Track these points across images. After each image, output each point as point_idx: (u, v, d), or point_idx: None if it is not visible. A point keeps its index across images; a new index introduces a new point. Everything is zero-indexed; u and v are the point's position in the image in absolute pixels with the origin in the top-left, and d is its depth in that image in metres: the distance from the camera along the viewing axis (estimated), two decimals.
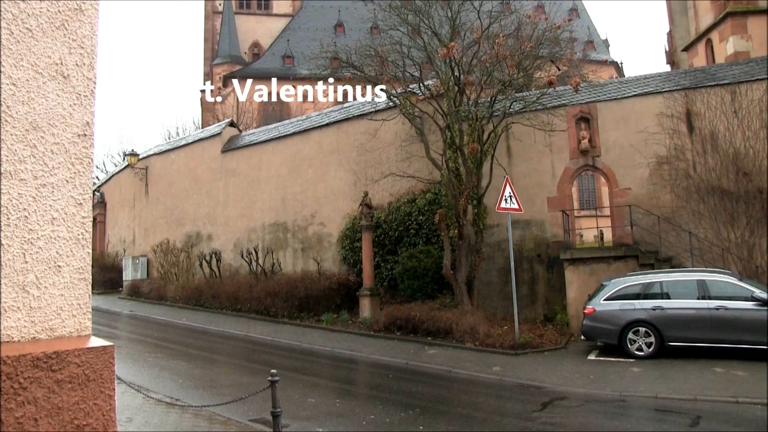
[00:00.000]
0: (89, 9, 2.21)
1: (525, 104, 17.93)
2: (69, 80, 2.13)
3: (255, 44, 52.54)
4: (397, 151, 20.56)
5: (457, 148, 17.63)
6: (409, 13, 19.00)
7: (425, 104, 18.55)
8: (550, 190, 18.90)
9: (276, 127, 27.19)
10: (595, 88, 19.89)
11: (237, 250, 25.41)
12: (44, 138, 2.06)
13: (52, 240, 2.08)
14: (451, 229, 17.60)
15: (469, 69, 18.18)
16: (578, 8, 59.10)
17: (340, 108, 24.38)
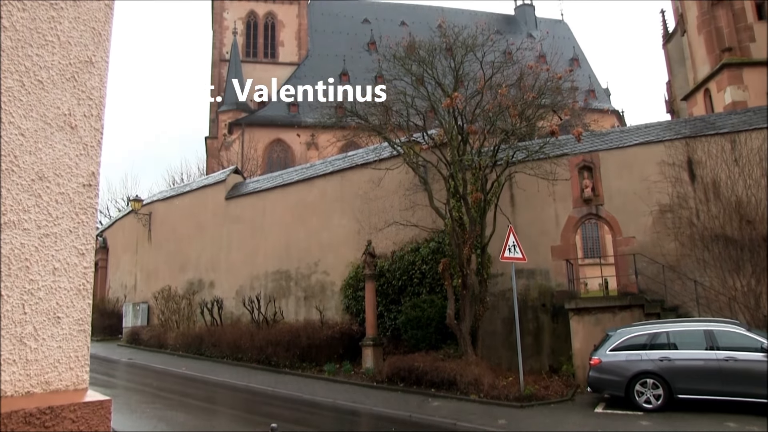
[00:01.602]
0: (100, 62, 2.23)
1: (528, 153, 18.04)
2: (76, 131, 2.13)
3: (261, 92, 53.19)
4: (400, 199, 20.60)
5: (461, 197, 17.67)
6: (413, 63, 19.26)
7: (429, 153, 18.66)
8: (553, 239, 18.87)
9: (280, 175, 27.33)
10: (598, 137, 20.02)
11: (239, 297, 25.26)
12: (49, 188, 2.05)
13: (52, 291, 2.05)
14: (454, 279, 17.51)
15: (473, 118, 18.34)
16: (579, 58, 59.90)
17: (344, 156, 24.53)
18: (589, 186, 18.57)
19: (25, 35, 2.02)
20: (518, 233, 17.24)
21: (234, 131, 49.14)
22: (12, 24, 1.99)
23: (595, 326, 16.27)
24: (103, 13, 2.28)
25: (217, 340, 23.33)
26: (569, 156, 18.81)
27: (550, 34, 58.65)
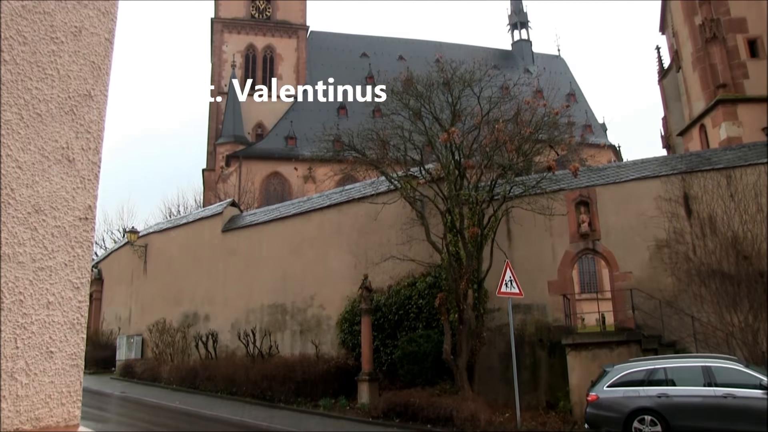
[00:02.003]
0: (99, 95, 2.24)
1: (525, 188, 18.10)
2: (74, 164, 2.13)
3: (259, 125, 53.45)
4: (397, 233, 20.58)
5: (458, 231, 17.68)
6: (410, 98, 19.41)
7: (426, 188, 18.71)
8: (550, 274, 18.83)
9: (277, 208, 27.35)
10: (594, 172, 20.11)
11: (234, 330, 25.08)
12: (45, 221, 2.04)
13: (46, 325, 2.03)
14: (451, 313, 17.43)
15: (470, 153, 18.43)
16: (576, 93, 60.44)
17: (342, 190, 24.59)
18: (585, 221, 18.60)
19: (26, 69, 2.03)
20: (515, 268, 17.21)
21: (231, 164, 49.30)
22: (13, 57, 2.00)
23: (593, 362, 16.16)
24: (103, 47, 2.29)
25: (211, 374, 23.11)
26: (566, 191, 18.87)
27: (547, 69, 59.38)
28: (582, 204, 18.86)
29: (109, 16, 2.34)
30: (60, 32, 2.14)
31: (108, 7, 2.33)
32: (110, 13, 2.34)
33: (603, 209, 18.68)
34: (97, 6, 2.29)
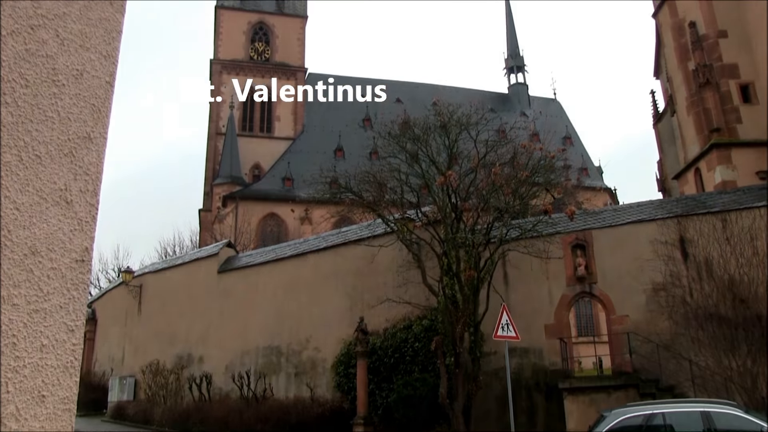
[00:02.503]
0: (98, 137, 2.25)
1: (521, 232, 18.12)
2: (72, 206, 2.13)
3: (256, 166, 53.68)
4: (393, 276, 20.52)
5: (454, 274, 17.64)
6: (407, 141, 19.55)
7: (422, 231, 18.73)
8: (547, 317, 18.75)
9: (273, 250, 27.30)
10: (590, 216, 20.18)
11: (229, 373, 24.81)
12: (42, 263, 2.03)
13: (38, 368, 2.00)
14: (447, 357, 17.29)
15: (467, 196, 18.50)
16: (572, 136, 60.93)
17: (338, 232, 24.59)
18: (582, 264, 18.60)
19: (26, 111, 2.04)
20: (511, 311, 17.13)
21: (228, 204, 49.34)
22: (14, 100, 2.02)
23: (590, 406, 15.99)
24: (103, 90, 2.31)
25: (204, 417, 22.78)
26: (562, 234, 18.90)
27: (543, 112, 60.04)
28: (578, 247, 18.88)
29: (110, 59, 2.36)
30: (62, 75, 2.16)
31: (110, 51, 2.36)
32: (112, 57, 2.37)
33: (599, 252, 18.68)
34: (99, 49, 2.32)
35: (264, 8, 58.34)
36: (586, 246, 18.80)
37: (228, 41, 56.39)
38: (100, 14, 2.34)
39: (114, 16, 2.41)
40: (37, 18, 2.11)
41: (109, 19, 2.38)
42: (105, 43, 2.35)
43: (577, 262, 18.69)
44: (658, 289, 17.74)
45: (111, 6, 2.39)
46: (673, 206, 19.35)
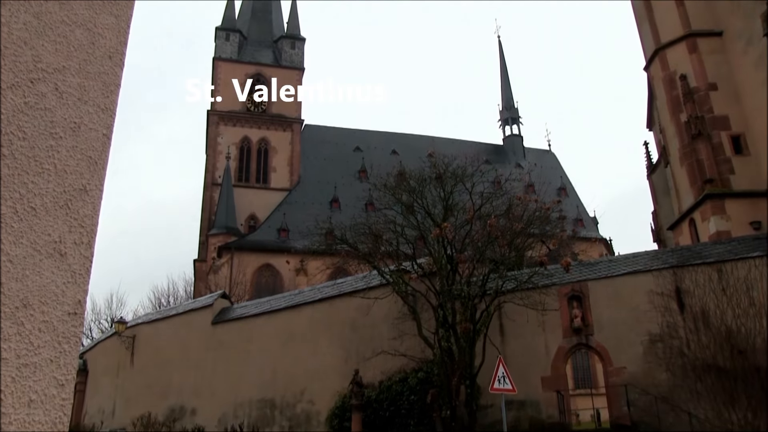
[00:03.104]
0: (94, 190, 2.25)
1: (517, 283, 18.08)
2: (66, 258, 2.12)
3: (251, 216, 53.70)
4: (389, 328, 20.37)
5: (450, 326, 17.54)
6: (403, 192, 19.64)
7: (418, 282, 18.66)
8: (544, 369, 18.56)
9: (268, 301, 27.12)
10: (586, 267, 20.17)
11: (222, 426, 24.37)
12: (33, 316, 2.00)
13: (26, 424, 1.96)
14: (443, 410, 17.05)
15: (462, 247, 18.50)
16: (567, 187, 61.28)
17: (334, 283, 24.48)
18: (578, 316, 18.50)
19: (23, 163, 2.04)
20: (508, 363, 16.96)
21: (223, 255, 49.19)
22: (11, 152, 2.02)
23: None
24: (100, 142, 2.32)
25: None
26: (558, 286, 18.86)
27: (538, 164, 60.53)
28: (574, 298, 18.81)
29: (108, 112, 2.38)
30: (59, 128, 2.17)
31: (108, 104, 2.38)
32: (109, 110, 2.39)
33: (596, 304, 18.61)
34: (97, 102, 2.33)
35: (261, 60, 59.18)
36: (583, 297, 18.74)
37: (225, 92, 56.99)
38: (99, 68, 2.37)
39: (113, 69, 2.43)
40: (37, 72, 2.13)
41: (108, 73, 2.41)
42: (103, 96, 2.37)
43: (573, 313, 18.60)
44: (656, 341, 17.62)
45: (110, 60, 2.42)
46: (668, 257, 19.36)
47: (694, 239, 25.53)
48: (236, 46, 58.58)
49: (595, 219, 58.75)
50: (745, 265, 17.44)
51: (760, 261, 17.39)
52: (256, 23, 61.56)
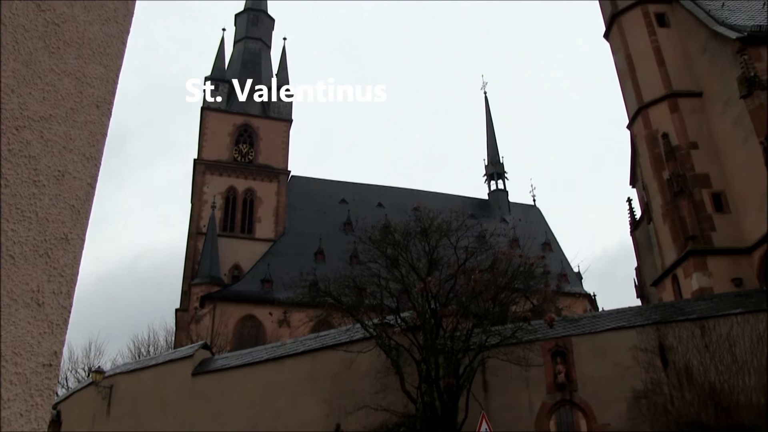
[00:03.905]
0: (75, 239, 2.23)
1: (501, 338, 17.99)
2: (43, 308, 2.08)
3: (235, 266, 53.33)
4: (372, 382, 20.11)
5: (433, 381, 17.37)
6: (388, 246, 19.64)
7: (401, 336, 18.53)
8: (527, 426, 18.34)
9: (250, 353, 26.75)
10: (570, 322, 20.14)
11: None
12: (5, 367, 1.95)
13: None
14: None
15: (446, 302, 18.46)
16: (551, 242, 61.50)
17: (316, 336, 24.23)
18: (562, 371, 18.39)
19: (4, 211, 2.02)
20: (491, 419, 16.76)
21: (206, 305, 48.64)
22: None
23: None
24: (84, 191, 2.31)
25: None
26: (542, 341, 18.78)
27: (522, 219, 60.86)
28: (558, 354, 18.72)
29: (93, 161, 2.37)
30: (43, 176, 2.16)
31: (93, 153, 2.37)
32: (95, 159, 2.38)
33: (579, 359, 18.51)
34: (83, 151, 2.32)
35: (249, 111, 59.58)
36: (566, 353, 18.65)
37: (212, 142, 57.19)
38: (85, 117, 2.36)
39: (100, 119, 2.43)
40: (23, 119, 2.12)
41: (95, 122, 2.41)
42: (89, 145, 2.36)
43: (557, 369, 18.48)
44: (639, 397, 17.51)
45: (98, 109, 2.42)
46: (652, 313, 19.40)
47: (677, 295, 25.62)
48: (225, 96, 59.05)
49: (579, 274, 58.81)
50: (727, 322, 17.49)
51: (741, 318, 17.46)
52: (246, 74, 62.22)
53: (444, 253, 20.01)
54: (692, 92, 27.50)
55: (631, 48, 29.85)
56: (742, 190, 24.61)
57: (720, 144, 26.04)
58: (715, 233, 24.87)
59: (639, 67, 29.23)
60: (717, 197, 25.60)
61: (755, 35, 24.34)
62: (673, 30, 29.20)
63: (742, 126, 23.92)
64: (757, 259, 23.38)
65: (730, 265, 23.80)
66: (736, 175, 24.91)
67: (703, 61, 27.28)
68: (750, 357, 16.95)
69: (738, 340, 17.06)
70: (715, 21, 26.05)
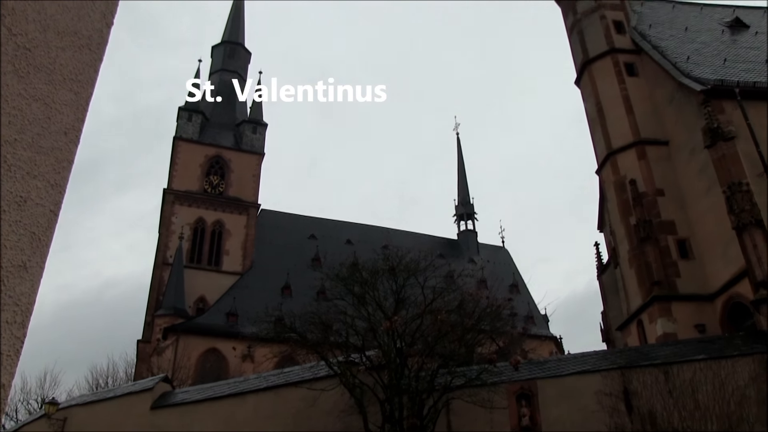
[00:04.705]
0: (34, 267, 2.16)
1: (466, 380, 17.90)
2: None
3: (201, 299, 52.62)
4: (334, 421, 19.80)
5: (396, 421, 17.18)
6: (355, 284, 19.57)
7: (365, 375, 18.36)
8: None
9: (212, 387, 26.24)
10: (536, 365, 20.12)
11: None
12: None
13: None
14: None
15: (412, 341, 18.37)
16: (519, 284, 61.78)
17: (280, 372, 23.88)
18: (527, 414, 18.30)
19: None
20: None
21: (169, 337, 47.82)
22: None
23: None
24: (46, 218, 2.25)
25: None
26: (507, 383, 18.71)
27: (491, 260, 61.14)
28: (523, 397, 18.65)
29: (57, 188, 2.32)
30: (4, 201, 2.10)
31: (58, 180, 2.32)
32: (59, 186, 2.33)
33: (544, 403, 18.46)
34: (47, 178, 2.28)
35: (222, 143, 59.49)
36: (531, 396, 18.59)
37: (183, 172, 56.88)
38: (52, 143, 2.32)
39: (67, 146, 2.39)
40: None
41: (62, 149, 2.36)
42: (54, 172, 2.31)
43: (522, 412, 18.39)
44: None
45: (65, 136, 2.38)
46: (617, 357, 19.49)
47: (641, 340, 25.81)
48: (198, 127, 58.93)
49: (545, 317, 59.09)
50: (690, 368, 17.63)
51: (704, 364, 17.62)
52: (220, 106, 62.24)
53: (411, 293, 19.97)
54: (659, 140, 28.14)
55: (601, 95, 30.51)
56: (706, 237, 25.06)
57: (685, 192, 26.57)
58: (679, 279, 25.21)
59: (608, 114, 29.86)
60: (682, 244, 26.02)
61: (718, 88, 25.09)
62: (641, 79, 29.97)
63: (706, 175, 24.46)
64: (719, 305, 23.73)
65: (694, 311, 24.10)
66: (701, 222, 25.39)
67: (670, 110, 27.98)
68: (712, 403, 17.07)
69: (700, 386, 17.19)
70: (681, 73, 26.79)
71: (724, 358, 17.89)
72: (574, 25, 33.36)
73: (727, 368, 17.57)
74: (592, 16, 32.23)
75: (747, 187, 21.95)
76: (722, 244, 23.48)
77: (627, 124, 28.91)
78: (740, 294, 22.42)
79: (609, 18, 31.76)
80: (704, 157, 24.43)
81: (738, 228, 21.45)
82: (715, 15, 35.49)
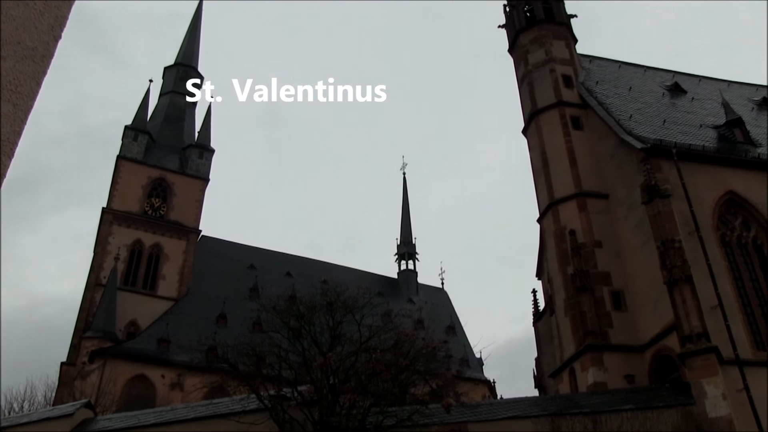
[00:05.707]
0: None
1: (398, 420, 17.76)
2: None
3: (132, 323, 51.13)
4: None
5: None
6: (291, 317, 19.35)
7: (296, 410, 18.04)
8: None
9: (136, 416, 25.35)
10: (468, 408, 20.13)
11: None
12: None
13: None
14: None
15: (346, 378, 18.19)
16: (455, 326, 61.93)
17: (209, 403, 23.26)
18: None
19: None
20: None
21: (96, 360, 46.20)
22: None
23: None
24: None
25: None
26: (438, 425, 18.63)
27: (429, 301, 61.27)
28: None
29: None
30: None
31: None
32: None
33: None
34: None
35: (167, 165, 58.53)
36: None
37: (124, 192, 55.64)
38: None
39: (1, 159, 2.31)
40: None
41: None
42: None
43: None
44: None
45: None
46: (548, 404, 19.69)
47: (573, 388, 26.13)
48: (143, 147, 57.92)
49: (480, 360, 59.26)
50: (618, 417, 17.91)
51: (631, 414, 17.95)
52: (168, 128, 61.41)
53: (348, 329, 19.84)
54: (600, 193, 28.92)
55: (546, 145, 31.25)
56: (639, 290, 25.71)
57: (622, 245, 27.28)
58: (612, 330, 25.71)
59: (552, 165, 30.57)
60: (616, 295, 26.62)
61: (657, 147, 26.02)
62: (586, 133, 30.86)
63: (642, 230, 25.18)
64: (648, 357, 24.28)
65: (624, 362, 24.59)
66: (635, 275, 26.06)
67: (611, 165, 28.83)
68: None
69: None
70: (624, 130, 27.71)
71: (650, 408, 18.27)
72: (525, 76, 34.22)
73: (652, 419, 17.93)
74: (543, 69, 33.16)
75: (679, 244, 22.67)
76: (654, 298, 24.11)
77: (570, 176, 29.65)
78: (668, 347, 23.00)
79: (558, 72, 32.73)
80: (641, 212, 25.17)
81: (669, 283, 22.07)
82: (657, 78, 37.01)
